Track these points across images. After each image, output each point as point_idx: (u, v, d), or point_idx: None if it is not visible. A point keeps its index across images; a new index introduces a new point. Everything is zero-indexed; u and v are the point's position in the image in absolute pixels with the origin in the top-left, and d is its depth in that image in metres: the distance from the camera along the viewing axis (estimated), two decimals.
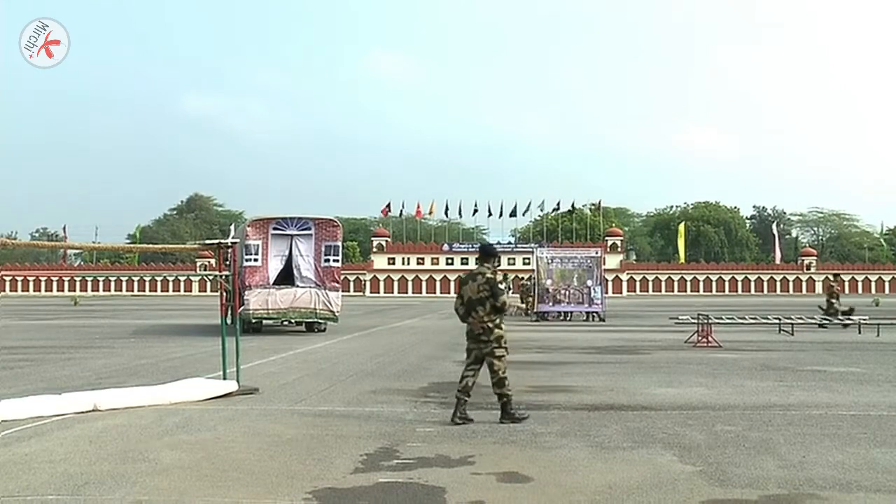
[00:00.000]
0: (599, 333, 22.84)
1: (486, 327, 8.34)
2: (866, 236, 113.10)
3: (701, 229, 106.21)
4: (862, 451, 6.95)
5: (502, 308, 8.38)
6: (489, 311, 8.31)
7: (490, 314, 8.32)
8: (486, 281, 8.40)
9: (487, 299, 8.30)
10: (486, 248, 9.13)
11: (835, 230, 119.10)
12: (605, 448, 7.07)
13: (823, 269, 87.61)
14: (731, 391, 10.73)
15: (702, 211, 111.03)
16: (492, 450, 7.01)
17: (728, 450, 6.96)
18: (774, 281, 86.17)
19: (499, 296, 8.31)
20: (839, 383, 11.55)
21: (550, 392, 10.66)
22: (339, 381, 11.89)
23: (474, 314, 8.39)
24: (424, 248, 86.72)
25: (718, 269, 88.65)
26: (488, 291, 8.32)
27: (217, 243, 11.42)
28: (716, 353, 16.43)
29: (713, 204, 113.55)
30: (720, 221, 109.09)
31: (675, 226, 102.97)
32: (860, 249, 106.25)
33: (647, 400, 9.92)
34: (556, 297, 30.71)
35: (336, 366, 14.06)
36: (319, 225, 22.70)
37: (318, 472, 6.22)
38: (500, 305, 8.34)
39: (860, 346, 18.09)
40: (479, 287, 8.40)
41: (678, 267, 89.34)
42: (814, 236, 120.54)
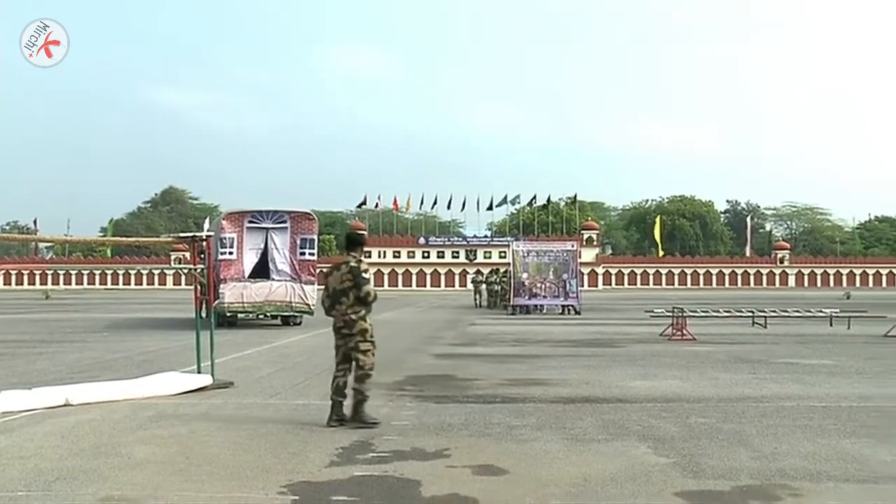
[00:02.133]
0: (575, 327, 22.95)
1: (349, 320, 7.89)
2: (838, 230, 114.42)
3: (676, 223, 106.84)
4: (832, 441, 7.04)
5: (366, 299, 7.91)
6: (352, 302, 7.87)
7: (353, 306, 7.87)
8: (350, 270, 7.91)
9: (351, 290, 7.85)
10: (352, 235, 8.59)
11: (808, 224, 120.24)
12: (581, 440, 7.11)
13: (796, 263, 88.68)
14: (705, 383, 10.83)
15: (677, 205, 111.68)
16: (467, 443, 7.03)
17: (702, 442, 7.03)
18: (748, 274, 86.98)
19: (362, 286, 7.84)
20: (811, 375, 11.69)
21: (526, 385, 10.70)
22: (315, 374, 11.85)
23: (338, 306, 7.94)
24: (401, 241, 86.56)
25: (693, 262, 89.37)
26: (352, 281, 7.85)
27: (191, 236, 11.35)
28: (690, 345, 16.57)
29: (688, 198, 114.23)
30: (695, 215, 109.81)
31: (650, 219, 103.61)
32: (832, 243, 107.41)
33: (623, 392, 9.99)
34: (532, 291, 30.82)
35: (311, 359, 14.02)
36: (295, 218, 22.61)
37: (293, 465, 6.21)
38: (363, 296, 7.87)
39: (831, 339, 18.32)
40: (342, 277, 7.93)
41: (653, 260, 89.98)
42: (787, 230, 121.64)
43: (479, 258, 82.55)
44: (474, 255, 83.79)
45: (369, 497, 5.39)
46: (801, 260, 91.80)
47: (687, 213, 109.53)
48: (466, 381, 11.16)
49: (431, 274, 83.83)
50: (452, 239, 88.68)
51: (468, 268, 79.75)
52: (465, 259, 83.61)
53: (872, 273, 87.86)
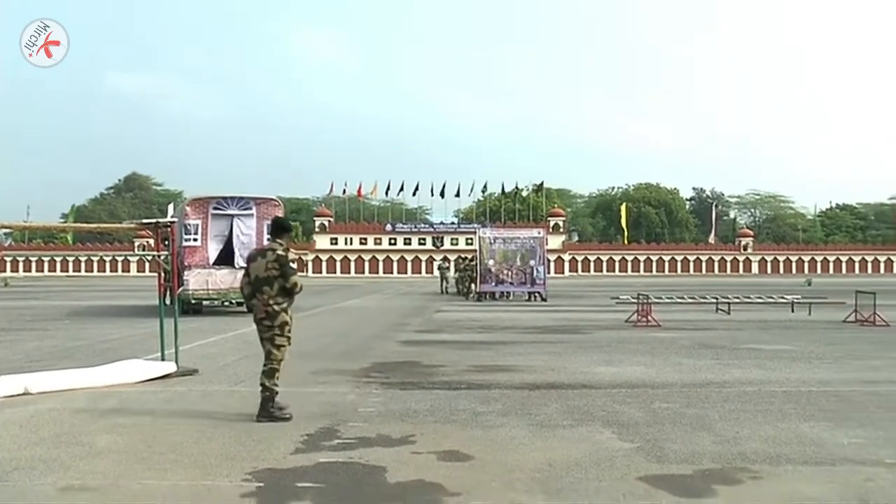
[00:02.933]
0: (541, 313, 23.07)
1: (271, 311, 7.55)
2: (801, 218, 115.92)
3: (642, 210, 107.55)
4: (792, 425, 7.16)
5: (292, 290, 7.55)
6: (276, 293, 7.52)
7: (277, 296, 7.53)
8: (277, 258, 7.52)
9: (276, 279, 7.49)
10: (278, 220, 8.17)
11: (771, 212, 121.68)
12: (546, 426, 7.16)
13: (760, 250, 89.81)
14: (669, 369, 10.95)
15: (643, 192, 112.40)
16: (433, 429, 7.05)
17: (665, 427, 7.11)
18: (713, 261, 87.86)
19: (289, 275, 7.49)
20: (772, 361, 11.86)
21: (492, 371, 10.74)
22: None
23: (259, 295, 7.58)
24: (367, 228, 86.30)
25: (659, 249, 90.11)
26: (278, 270, 7.49)
27: (155, 223, 11.21)
28: (655, 332, 16.73)
29: (654, 185, 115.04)
30: (661, 202, 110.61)
31: (616, 207, 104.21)
32: (795, 231, 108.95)
33: (588, 379, 10.07)
34: (498, 278, 30.92)
35: None
36: (260, 204, 22.43)
37: (257, 452, 6.19)
38: (290, 287, 7.52)
39: (793, 325, 18.59)
40: (267, 265, 7.53)
41: (619, 247, 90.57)
42: (751, 218, 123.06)
43: (445, 245, 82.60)
44: (441, 241, 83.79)
45: (334, 483, 5.39)
46: (764, 247, 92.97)
47: (652, 200, 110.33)
48: (432, 367, 11.17)
49: (398, 261, 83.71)
50: (419, 226, 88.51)
51: (435, 255, 79.78)
52: (431, 246, 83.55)
53: (833, 260, 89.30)
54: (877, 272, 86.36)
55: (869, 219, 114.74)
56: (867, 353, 12.92)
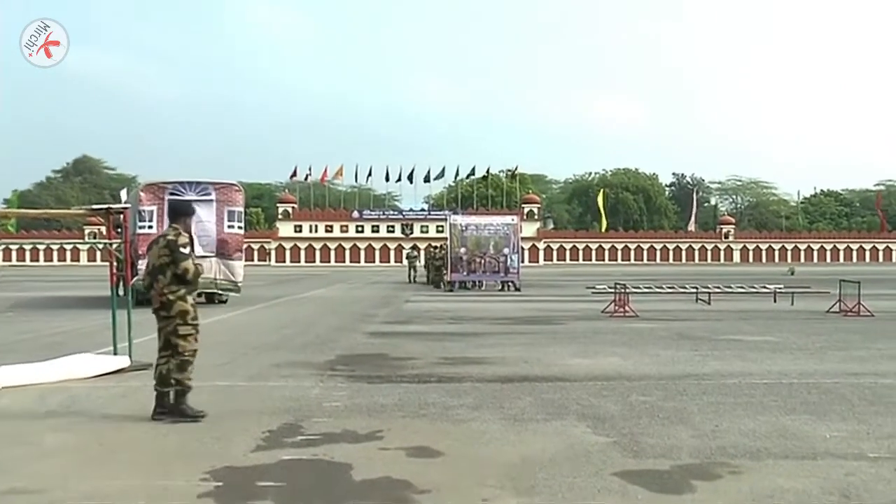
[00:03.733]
0: (515, 303, 23.15)
1: (167, 300, 7.44)
2: (783, 205, 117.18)
3: (620, 196, 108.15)
4: (773, 418, 7.25)
5: (185, 276, 7.41)
6: (169, 280, 7.40)
7: (171, 284, 7.40)
8: (167, 244, 7.41)
9: (168, 266, 7.38)
10: (174, 204, 7.71)
11: (753, 198, 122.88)
12: (519, 420, 7.19)
13: (741, 238, 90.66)
14: (646, 361, 11.04)
15: (620, 178, 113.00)
16: (401, 424, 7.05)
17: (642, 420, 7.17)
18: (693, 249, 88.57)
19: (180, 262, 7.36)
20: (753, 352, 12.00)
21: (463, 364, 10.77)
22: (241, 354, 11.75)
23: (155, 284, 7.48)
24: (333, 214, 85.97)
25: (637, 237, 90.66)
26: (169, 257, 7.37)
27: (106, 209, 11.06)
28: (632, 322, 16.85)
29: (632, 171, 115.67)
30: (639, 188, 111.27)
31: (593, 193, 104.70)
32: (777, 218, 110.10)
33: (562, 371, 10.12)
34: (470, 266, 30.96)
35: (237, 338, 13.89)
36: (220, 190, 22.24)
37: (216, 450, 6.15)
38: (181, 273, 7.39)
39: (775, 315, 18.81)
40: (159, 252, 7.44)
41: (596, 235, 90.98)
42: (732, 204, 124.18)
43: (415, 232, 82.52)
44: (410, 229, 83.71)
45: (297, 482, 5.37)
46: (745, 235, 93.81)
47: (631, 186, 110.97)
48: (401, 360, 11.18)
49: (365, 249, 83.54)
50: (387, 212, 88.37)
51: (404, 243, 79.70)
52: (400, 233, 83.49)
53: (817, 248, 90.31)
54: (862, 260, 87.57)
55: (854, 205, 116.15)
56: (851, 344, 13.10)
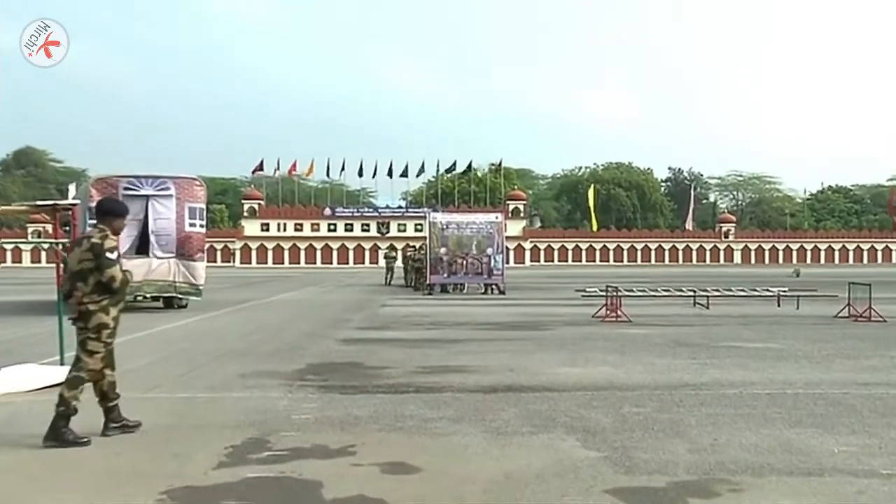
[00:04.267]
0: (499, 308, 23.17)
1: (85, 310, 7.00)
2: (788, 201, 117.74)
3: (612, 193, 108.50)
4: (776, 431, 7.28)
5: (110, 285, 6.99)
6: (91, 289, 6.99)
7: (92, 293, 6.99)
8: (91, 247, 6.99)
9: (91, 272, 6.98)
10: (103, 202, 7.68)
11: (755, 194, 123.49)
12: (503, 433, 7.18)
13: (742, 237, 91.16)
14: (640, 370, 11.06)
15: (612, 173, 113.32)
16: (376, 438, 7.03)
17: (635, 433, 7.18)
18: (690, 250, 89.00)
19: (105, 268, 6.93)
20: (755, 360, 12.05)
21: (443, 373, 10.75)
22: (202, 363, 11.69)
23: (75, 292, 7.05)
24: (303, 212, 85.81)
25: (630, 236, 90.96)
26: (92, 262, 6.97)
27: (53, 205, 11.01)
28: (625, 328, 16.90)
29: (625, 165, 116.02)
30: (633, 184, 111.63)
31: (583, 189, 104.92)
32: (782, 216, 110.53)
33: (549, 380, 10.13)
34: (451, 268, 30.96)
35: (198, 346, 13.82)
36: (180, 184, 22.15)
37: (174, 468, 6.10)
38: (106, 281, 6.97)
39: (779, 320, 18.91)
40: (81, 255, 7.03)
41: (586, 234, 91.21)
42: (733, 201, 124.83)
43: (392, 231, 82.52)
44: (387, 227, 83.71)
45: (263, 501, 5.34)
46: (747, 234, 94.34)
47: (623, 182, 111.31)
48: (376, 368, 11.16)
49: (338, 249, 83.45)
50: (362, 210, 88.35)
51: (380, 242, 79.65)
52: (376, 232, 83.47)
53: (824, 248, 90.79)
54: (873, 262, 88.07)
55: (865, 202, 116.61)
56: (861, 352, 13.15)
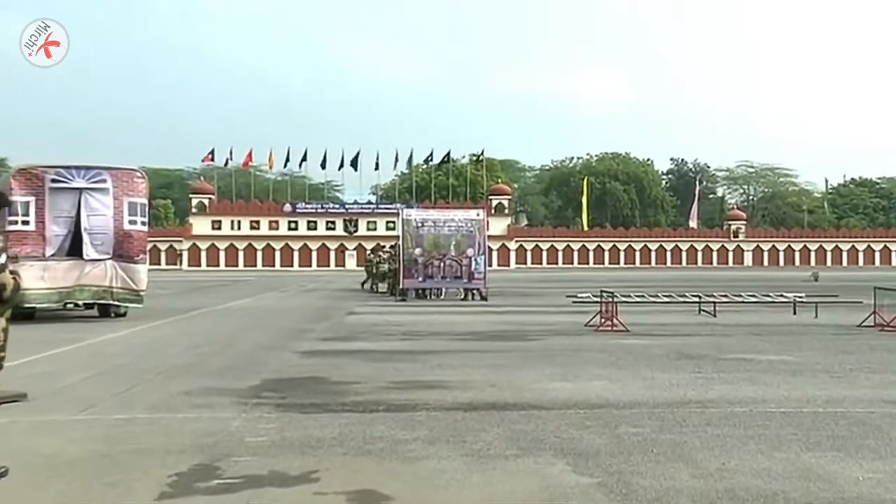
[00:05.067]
0: (480, 315, 23.18)
1: None
2: (805, 196, 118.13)
3: (607, 187, 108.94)
4: (792, 455, 7.29)
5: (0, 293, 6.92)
6: None
7: None
8: None
9: None
10: None
11: (768, 188, 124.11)
12: (484, 457, 7.17)
13: (754, 237, 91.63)
14: (638, 385, 11.08)
15: (608, 164, 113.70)
16: (341, 462, 7.00)
17: (633, 457, 7.18)
18: (695, 250, 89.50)
19: None
20: (768, 374, 12.08)
21: (417, 389, 10.74)
22: (144, 380, 11.60)
23: None
24: (260, 208, 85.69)
25: (628, 236, 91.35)
26: None
27: None
28: (622, 338, 16.93)
29: (622, 156, 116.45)
30: (631, 177, 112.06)
31: (575, 182, 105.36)
32: (798, 212, 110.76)
33: (537, 397, 10.13)
34: (426, 271, 30.93)
35: (140, 361, 13.73)
36: (118, 176, 21.98)
37: (110, 500, 6.05)
38: None
39: (795, 330, 18.99)
40: None
41: (578, 233, 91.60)
42: (743, 196, 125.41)
43: (360, 230, 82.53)
44: (355, 226, 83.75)
45: None
46: (759, 233, 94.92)
47: (620, 174, 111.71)
48: (342, 384, 11.13)
49: (300, 250, 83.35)
50: (327, 206, 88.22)
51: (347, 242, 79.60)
52: (342, 231, 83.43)
53: (847, 249, 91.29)
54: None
55: (892, 197, 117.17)
56: (889, 366, 13.19)
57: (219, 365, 13.15)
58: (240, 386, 10.98)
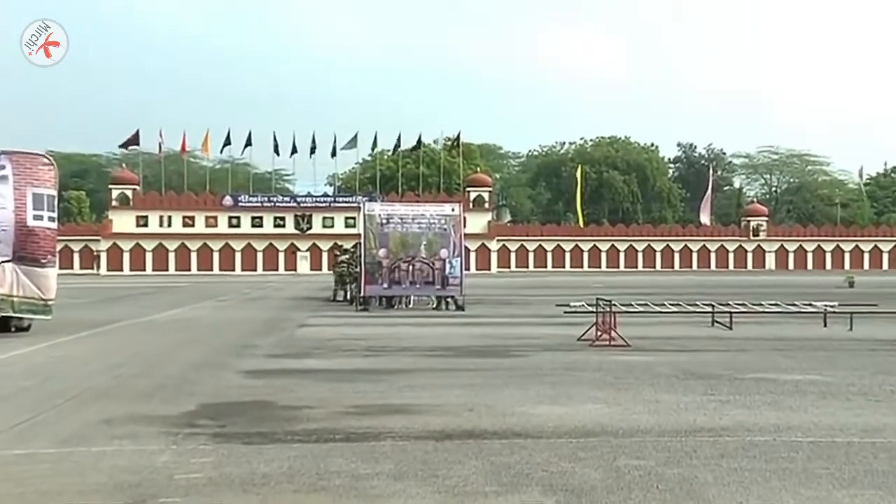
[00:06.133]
0: (456, 328, 23.20)
1: None
2: (839, 187, 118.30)
3: (604, 176, 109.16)
4: (822, 493, 7.32)
5: None
6: None
7: None
8: None
9: None
10: None
11: (795, 178, 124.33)
12: (460, 494, 7.18)
13: (778, 236, 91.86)
14: (640, 409, 11.11)
15: (605, 150, 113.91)
16: (291, 501, 7.00)
17: (635, 494, 7.20)
18: (708, 251, 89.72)
19: None
20: (793, 397, 12.15)
21: (381, 414, 10.75)
22: (52, 406, 11.54)
23: None
24: (195, 201, 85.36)
25: (629, 234, 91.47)
26: None
27: None
28: (622, 354, 17.00)
29: (621, 140, 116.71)
30: (631, 165, 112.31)
31: (567, 171, 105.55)
32: (830, 206, 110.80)
33: (522, 423, 10.15)
34: (392, 276, 30.88)
35: (47, 384, 13.65)
36: (19, 162, 21.82)
37: None
38: None
39: (825, 345, 19.10)
40: None
41: (571, 231, 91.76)
42: (765, 187, 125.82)
43: (315, 227, 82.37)
44: (308, 222, 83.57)
45: None
46: (783, 231, 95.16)
47: (619, 162, 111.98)
48: (292, 409, 11.13)
49: (243, 251, 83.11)
50: (275, 199, 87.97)
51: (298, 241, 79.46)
52: (293, 229, 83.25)
53: (887, 250, 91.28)
54: None
55: None
56: None
57: (144, 387, 13.09)
58: (169, 412, 10.95)
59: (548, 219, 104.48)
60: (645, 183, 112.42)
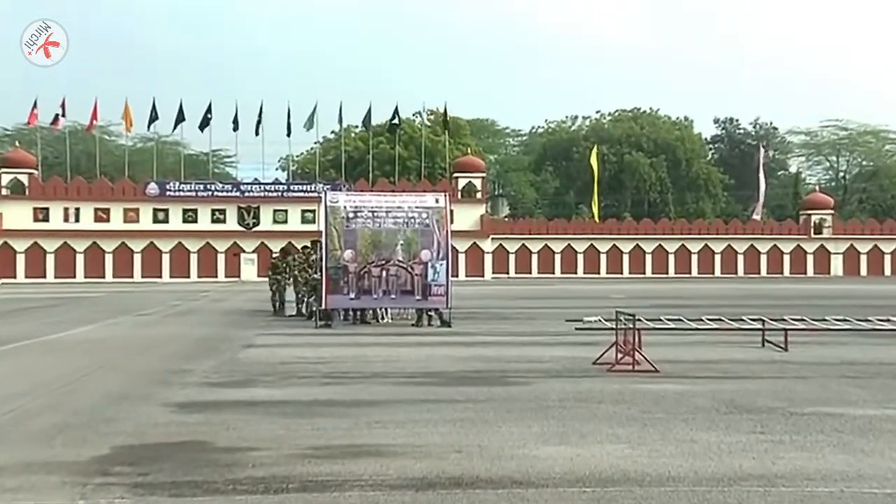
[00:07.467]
0: (441, 348, 23.23)
1: None
2: None
3: (626, 159, 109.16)
4: None
5: None
6: None
7: None
8: None
9: None
10: None
11: (868, 161, 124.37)
12: None
13: (845, 233, 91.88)
14: (672, 451, 11.13)
15: (626, 126, 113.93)
16: None
17: None
18: (757, 253, 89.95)
19: None
20: (866, 437, 12.16)
21: (346, 458, 10.75)
22: None
23: None
24: (110, 189, 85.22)
25: (657, 231, 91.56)
26: None
27: None
28: (648, 382, 17.02)
29: (647, 114, 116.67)
30: (660, 146, 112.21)
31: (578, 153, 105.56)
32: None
33: (523, 469, 10.16)
34: (361, 283, 30.88)
35: None
36: None
37: None
38: None
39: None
40: None
41: (585, 228, 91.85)
42: (829, 172, 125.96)
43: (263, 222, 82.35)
44: (255, 216, 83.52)
45: None
46: (854, 227, 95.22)
47: (645, 141, 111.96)
48: (235, 452, 11.12)
49: (172, 252, 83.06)
50: (213, 186, 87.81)
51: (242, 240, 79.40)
52: (237, 225, 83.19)
53: None
54: None
55: None
56: None
57: (45, 426, 13.05)
58: (77, 457, 10.93)
59: (555, 212, 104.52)
60: (676, 167, 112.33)
